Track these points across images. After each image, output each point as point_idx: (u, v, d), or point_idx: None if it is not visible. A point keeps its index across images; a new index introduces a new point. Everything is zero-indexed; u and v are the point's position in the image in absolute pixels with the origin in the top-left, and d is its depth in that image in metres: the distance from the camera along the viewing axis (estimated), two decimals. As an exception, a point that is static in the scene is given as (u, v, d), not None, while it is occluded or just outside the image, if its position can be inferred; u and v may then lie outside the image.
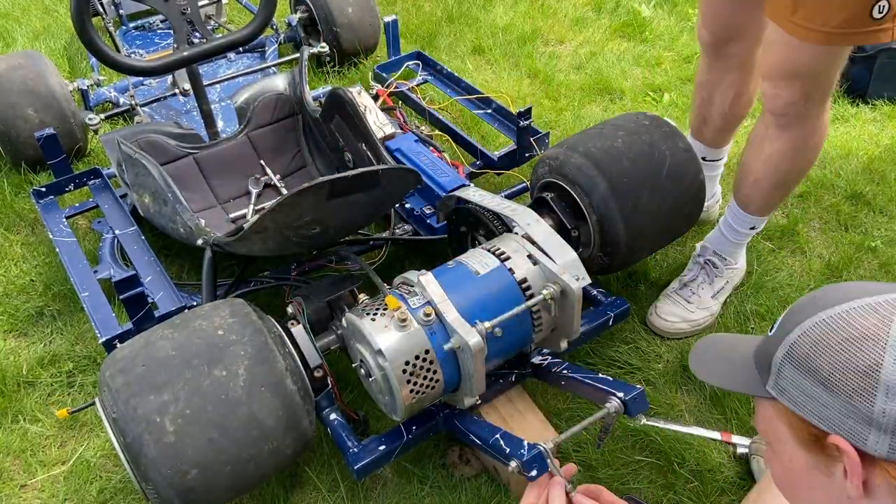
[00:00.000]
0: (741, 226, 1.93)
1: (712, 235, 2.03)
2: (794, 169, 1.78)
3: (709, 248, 2.00)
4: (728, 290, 2.01)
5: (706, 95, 2.03)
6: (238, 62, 2.96)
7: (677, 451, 1.67)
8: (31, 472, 1.71)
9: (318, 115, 2.18)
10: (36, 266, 2.18)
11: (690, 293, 1.97)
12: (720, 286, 1.98)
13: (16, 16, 3.43)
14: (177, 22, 2.00)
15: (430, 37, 3.20)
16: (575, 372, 1.60)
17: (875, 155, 2.53)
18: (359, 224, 1.89)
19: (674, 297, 1.98)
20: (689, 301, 1.96)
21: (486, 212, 1.72)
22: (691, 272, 2.01)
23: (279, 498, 1.63)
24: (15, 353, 1.95)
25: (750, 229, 1.94)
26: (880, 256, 2.17)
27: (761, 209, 1.88)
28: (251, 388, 1.34)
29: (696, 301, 1.96)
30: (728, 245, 1.98)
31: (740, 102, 2.00)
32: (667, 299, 1.99)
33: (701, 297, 1.96)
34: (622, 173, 1.72)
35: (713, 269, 1.98)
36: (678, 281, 2.01)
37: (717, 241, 2.00)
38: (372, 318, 1.40)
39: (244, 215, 2.15)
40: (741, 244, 1.99)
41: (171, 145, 2.15)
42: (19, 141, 2.37)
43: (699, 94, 2.06)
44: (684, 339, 1.95)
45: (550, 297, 1.45)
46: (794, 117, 1.66)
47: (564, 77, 2.96)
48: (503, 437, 1.44)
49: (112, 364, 1.35)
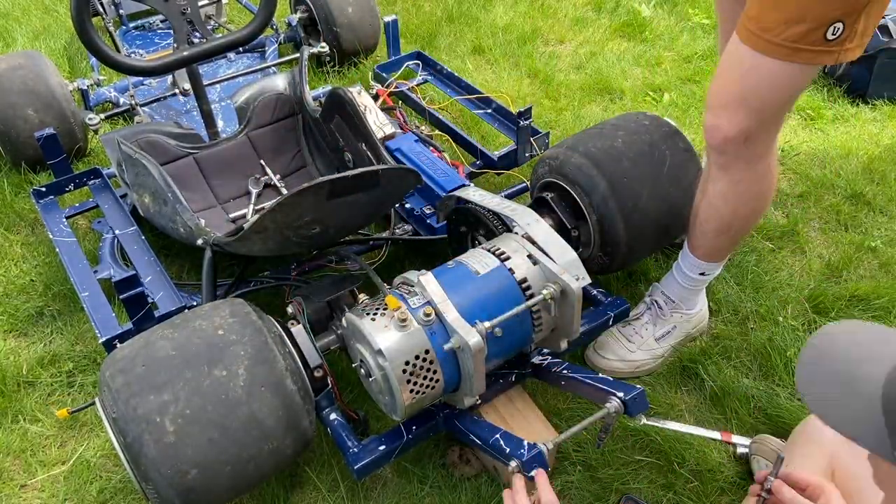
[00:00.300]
0: (691, 270, 1.79)
1: (666, 275, 1.90)
2: (737, 215, 1.64)
3: (659, 288, 1.90)
4: (677, 335, 1.88)
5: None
6: (238, 62, 2.96)
7: (677, 451, 1.67)
8: (31, 472, 1.71)
9: (318, 114, 2.18)
10: (36, 266, 2.18)
11: (633, 332, 1.86)
12: (666, 329, 1.86)
13: (16, 16, 3.44)
14: (177, 22, 2.00)
15: (430, 37, 3.20)
16: (575, 372, 1.60)
17: (875, 155, 2.53)
18: (359, 224, 1.89)
19: (616, 334, 1.87)
20: (630, 340, 1.86)
21: (486, 212, 1.72)
22: (637, 310, 1.91)
23: (279, 498, 1.63)
24: (15, 352, 1.95)
25: (700, 275, 1.79)
26: (880, 256, 2.17)
27: (708, 254, 1.75)
28: (251, 388, 1.34)
29: (638, 341, 1.85)
30: (677, 288, 1.85)
31: None
32: (608, 335, 1.88)
33: (643, 337, 1.85)
34: (622, 173, 1.72)
35: (658, 311, 1.87)
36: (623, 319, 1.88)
37: (667, 282, 1.89)
38: (372, 318, 1.40)
39: (244, 215, 2.15)
40: (693, 290, 1.84)
41: (171, 145, 2.15)
42: (19, 141, 2.37)
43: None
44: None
45: (550, 297, 1.45)
46: (733, 157, 1.54)
47: (564, 77, 2.96)
48: (503, 437, 1.44)
49: (112, 364, 1.35)
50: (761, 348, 1.90)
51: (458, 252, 1.62)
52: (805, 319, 1.98)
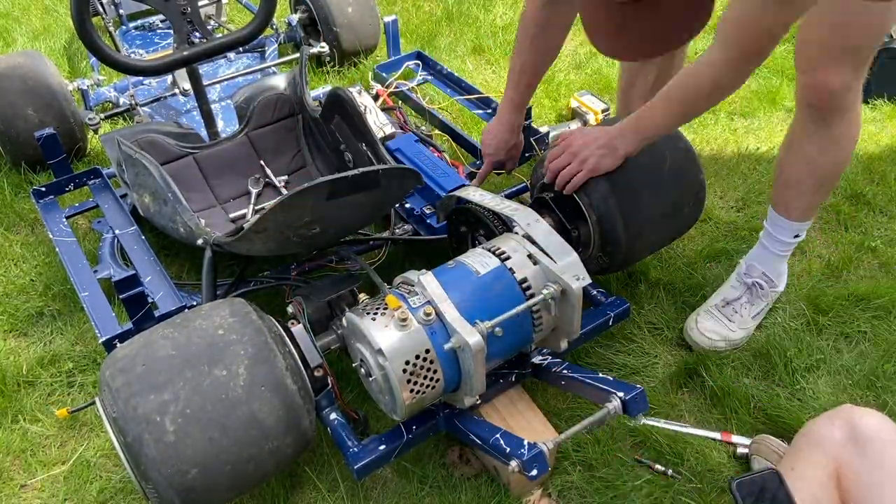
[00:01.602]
0: (785, 235, 1.87)
1: (756, 252, 1.96)
2: (836, 164, 1.75)
3: (757, 267, 1.94)
4: (766, 311, 1.97)
5: (629, 79, 2.06)
6: (238, 62, 2.96)
7: (677, 451, 1.67)
8: (31, 472, 1.71)
9: (318, 114, 2.18)
10: (36, 266, 2.18)
11: (733, 312, 1.92)
12: (762, 307, 1.94)
13: (16, 15, 3.44)
14: (177, 21, 2.00)
15: (430, 36, 3.20)
16: (575, 372, 1.60)
17: (875, 155, 2.53)
18: (359, 224, 1.89)
19: (716, 314, 1.93)
20: (731, 320, 1.91)
21: (486, 211, 1.72)
22: (735, 290, 1.95)
23: (279, 498, 1.63)
24: (15, 352, 1.95)
25: (794, 238, 1.88)
26: (880, 256, 2.17)
27: (804, 214, 1.84)
28: (251, 388, 1.34)
29: (738, 321, 1.91)
30: (773, 259, 1.93)
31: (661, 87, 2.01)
32: (709, 316, 1.94)
33: (743, 316, 1.92)
34: (622, 173, 1.72)
35: (759, 290, 1.93)
36: (721, 298, 1.95)
37: (761, 257, 1.94)
38: (372, 318, 1.40)
39: (244, 215, 2.15)
40: (786, 256, 1.94)
41: (171, 145, 2.15)
42: (19, 141, 2.37)
43: (623, 77, 2.08)
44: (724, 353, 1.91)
45: (551, 297, 1.45)
46: (835, 110, 1.64)
47: (564, 77, 2.95)
48: (503, 437, 1.44)
49: (112, 364, 1.35)
50: (761, 348, 1.90)
51: (459, 252, 1.62)
52: (805, 319, 1.98)
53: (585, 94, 2.69)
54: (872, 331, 1.95)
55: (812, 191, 1.79)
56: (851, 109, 1.66)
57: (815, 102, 1.65)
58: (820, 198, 1.83)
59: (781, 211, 1.86)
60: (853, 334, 1.95)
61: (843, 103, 1.63)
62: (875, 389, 1.81)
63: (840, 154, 1.74)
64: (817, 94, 1.63)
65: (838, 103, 1.63)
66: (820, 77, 1.60)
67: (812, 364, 1.87)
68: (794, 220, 1.85)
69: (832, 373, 1.86)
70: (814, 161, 1.74)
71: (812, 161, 1.74)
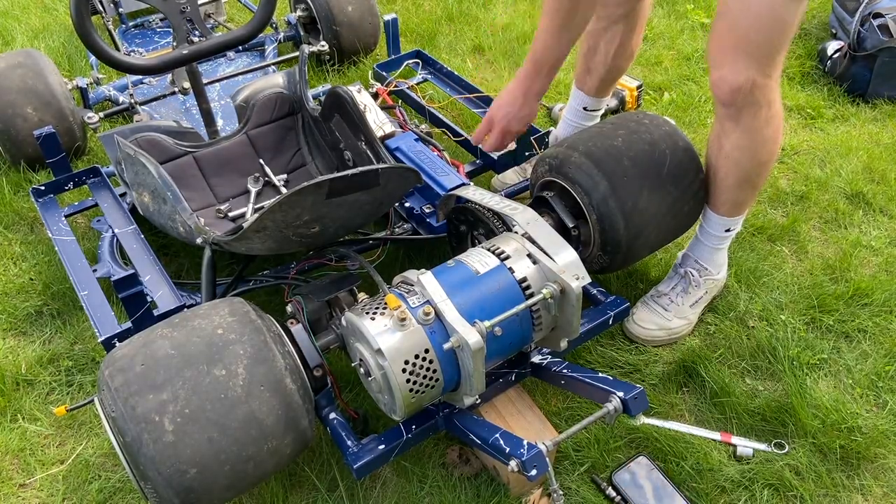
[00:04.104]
0: (715, 229, 1.89)
1: (691, 243, 1.99)
2: (756, 161, 1.74)
3: (690, 256, 1.97)
4: (706, 300, 1.98)
5: (591, 44, 2.08)
6: (237, 61, 2.95)
7: (677, 451, 1.67)
8: (29, 472, 1.71)
9: (317, 113, 2.17)
10: (35, 265, 2.18)
11: (669, 301, 1.94)
12: (698, 296, 1.95)
13: (15, 14, 3.43)
14: (176, 20, 2.00)
15: (430, 35, 3.20)
16: (575, 371, 1.59)
17: (875, 154, 2.53)
18: (358, 223, 1.89)
19: (651, 304, 1.96)
20: (667, 309, 1.93)
21: (485, 211, 1.72)
22: (671, 281, 1.99)
23: (278, 497, 1.63)
24: (14, 352, 1.95)
25: (725, 232, 1.89)
26: (880, 256, 2.17)
27: (732, 209, 1.84)
28: (250, 388, 1.34)
29: (675, 310, 1.93)
30: (706, 251, 1.94)
31: (623, 54, 2.06)
32: (644, 307, 1.97)
33: (679, 305, 1.94)
34: (622, 172, 1.72)
35: (692, 278, 1.95)
36: (655, 289, 2.00)
37: (695, 248, 1.97)
38: (371, 318, 1.40)
39: (243, 214, 2.15)
40: (720, 249, 1.94)
41: (171, 144, 2.15)
42: (18, 139, 2.37)
43: (585, 43, 2.10)
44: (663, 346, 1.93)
45: (550, 297, 1.45)
46: (745, 107, 1.62)
47: (564, 76, 2.95)
48: (503, 437, 1.44)
49: (111, 363, 1.35)
50: (761, 348, 1.90)
51: (458, 251, 1.62)
52: (805, 319, 1.98)
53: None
54: (873, 330, 1.95)
55: (735, 186, 1.79)
56: (766, 107, 1.64)
57: (722, 98, 1.64)
58: (745, 194, 1.82)
59: (711, 206, 1.87)
60: (854, 334, 1.95)
61: (752, 100, 1.61)
62: (876, 389, 1.81)
63: (760, 151, 1.72)
64: (722, 90, 1.62)
65: (747, 100, 1.61)
66: (724, 73, 1.59)
67: (813, 364, 1.86)
68: (722, 215, 1.86)
69: (833, 372, 1.86)
70: (732, 157, 1.74)
71: (729, 157, 1.74)
